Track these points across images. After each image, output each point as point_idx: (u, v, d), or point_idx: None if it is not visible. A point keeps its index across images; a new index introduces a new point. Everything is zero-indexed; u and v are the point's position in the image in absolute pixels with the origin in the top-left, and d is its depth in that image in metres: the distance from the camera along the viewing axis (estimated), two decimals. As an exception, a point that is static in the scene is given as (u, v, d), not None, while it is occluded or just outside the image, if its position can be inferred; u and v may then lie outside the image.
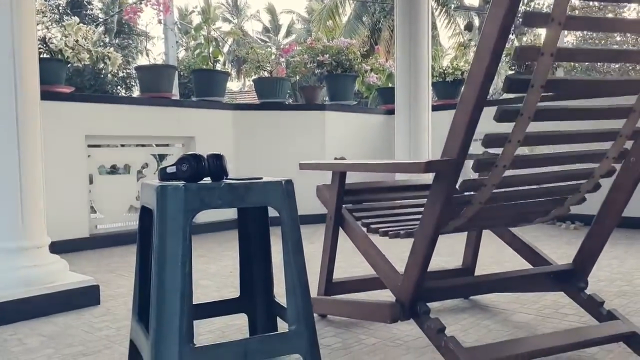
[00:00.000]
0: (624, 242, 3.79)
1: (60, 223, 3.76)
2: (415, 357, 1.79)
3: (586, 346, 1.70)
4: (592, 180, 1.67)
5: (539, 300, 2.41)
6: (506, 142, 1.41)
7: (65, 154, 3.93)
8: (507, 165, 1.45)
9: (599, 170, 1.64)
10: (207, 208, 1.46)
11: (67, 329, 2.16)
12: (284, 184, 1.57)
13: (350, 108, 5.50)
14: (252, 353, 1.49)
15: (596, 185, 1.70)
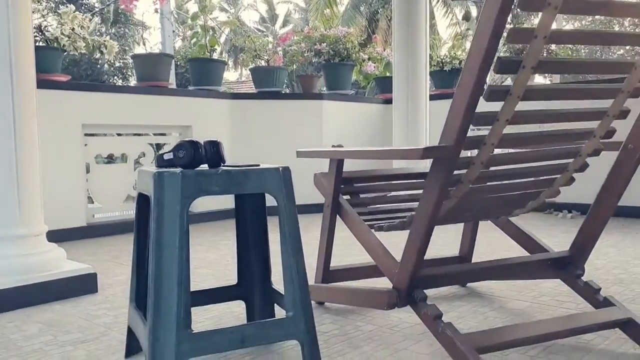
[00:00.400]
0: (620, 231, 3.80)
1: (57, 212, 3.75)
2: (412, 344, 1.80)
3: (582, 332, 1.71)
4: (580, 159, 1.68)
5: (536, 288, 2.42)
6: (495, 120, 1.42)
7: (62, 142, 3.92)
8: (496, 143, 1.46)
9: (586, 149, 1.65)
10: (204, 194, 1.46)
11: (65, 317, 2.16)
12: (282, 170, 1.57)
13: (348, 97, 5.48)
14: (249, 338, 1.49)
15: (583, 165, 1.71)
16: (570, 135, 1.64)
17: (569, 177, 1.79)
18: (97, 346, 1.84)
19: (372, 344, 1.81)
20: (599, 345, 1.73)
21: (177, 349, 1.40)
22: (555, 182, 1.80)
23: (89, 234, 4.05)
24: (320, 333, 1.90)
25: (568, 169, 1.75)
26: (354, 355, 1.71)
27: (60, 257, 2.49)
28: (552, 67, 1.58)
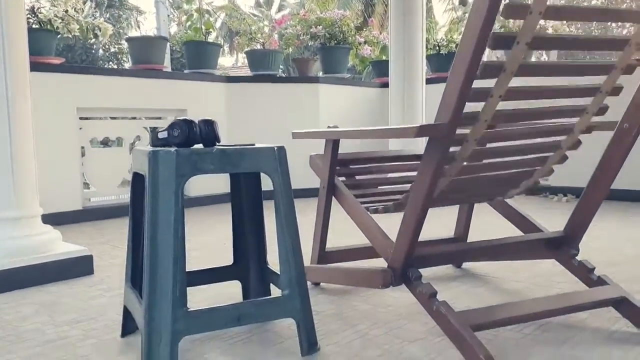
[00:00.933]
0: (616, 214, 3.82)
1: (52, 196, 3.74)
2: (407, 322, 1.81)
3: (576, 310, 1.72)
4: (572, 137, 1.68)
5: (531, 268, 2.43)
6: (488, 96, 1.42)
7: (56, 126, 3.90)
8: (489, 119, 1.46)
9: (578, 126, 1.65)
10: (199, 173, 1.45)
11: (61, 298, 2.17)
12: (277, 150, 1.57)
13: (344, 81, 5.46)
14: (245, 316, 1.50)
15: (576, 142, 1.71)
16: (562, 112, 1.64)
17: (562, 154, 1.79)
18: (93, 326, 1.84)
19: (368, 322, 1.82)
20: (592, 324, 1.75)
21: (173, 327, 1.40)
22: (549, 160, 1.80)
23: (84, 217, 4.04)
24: (316, 312, 1.91)
25: (561, 147, 1.75)
26: (350, 334, 1.72)
27: (56, 239, 2.49)
28: (546, 44, 1.58)
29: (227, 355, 1.58)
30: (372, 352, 1.58)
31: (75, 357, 1.58)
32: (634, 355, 1.51)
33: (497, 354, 1.53)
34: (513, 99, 1.53)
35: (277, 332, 1.74)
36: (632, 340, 1.62)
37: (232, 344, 1.66)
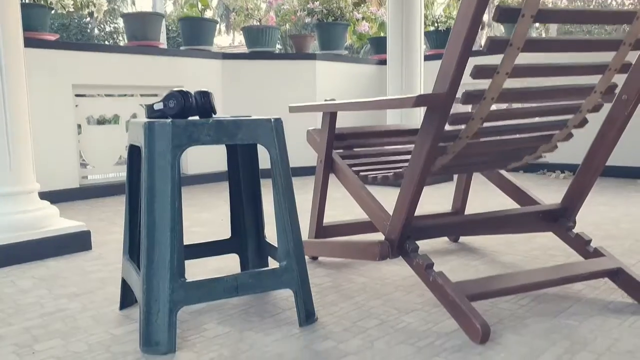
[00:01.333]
0: (613, 190, 3.82)
1: (49, 173, 3.74)
2: (404, 294, 1.82)
3: (573, 281, 1.73)
4: (580, 115, 1.67)
5: (527, 243, 2.45)
6: (494, 73, 1.40)
7: (52, 103, 3.87)
8: (495, 97, 1.44)
9: (586, 105, 1.64)
10: (196, 144, 1.45)
11: (60, 272, 2.17)
12: (273, 121, 1.56)
13: (342, 58, 5.42)
14: (243, 287, 1.51)
15: (583, 121, 1.70)
16: (570, 91, 1.62)
17: (567, 132, 1.78)
18: (92, 299, 1.85)
19: (365, 294, 1.83)
20: (588, 295, 1.76)
21: (170, 297, 1.41)
22: (554, 137, 1.79)
23: (81, 195, 4.04)
24: (314, 285, 1.92)
25: (567, 125, 1.74)
26: (347, 305, 1.73)
27: (54, 215, 2.49)
28: (552, 16, 1.55)
29: (225, 325, 1.59)
30: (369, 322, 1.59)
31: (74, 329, 1.59)
32: (629, 324, 1.52)
33: (493, 323, 1.54)
34: (520, 77, 1.51)
35: (275, 304, 1.75)
36: (627, 310, 1.63)
37: (230, 315, 1.67)
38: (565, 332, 1.48)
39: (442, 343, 1.43)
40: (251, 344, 1.45)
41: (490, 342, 1.43)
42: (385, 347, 1.42)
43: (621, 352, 1.35)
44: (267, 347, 1.43)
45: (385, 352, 1.39)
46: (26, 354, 1.42)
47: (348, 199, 3.19)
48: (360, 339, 1.47)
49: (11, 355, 1.42)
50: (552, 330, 1.49)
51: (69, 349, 1.45)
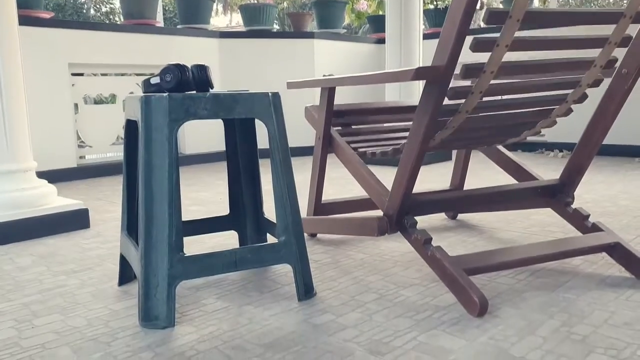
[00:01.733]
0: (610, 169, 3.82)
1: (47, 153, 3.72)
2: (402, 270, 1.82)
3: (570, 256, 1.74)
4: (579, 90, 1.66)
5: (525, 220, 2.45)
6: (494, 46, 1.38)
7: (48, 82, 3.84)
8: (495, 71, 1.43)
9: (586, 79, 1.62)
10: (193, 118, 1.44)
11: (58, 250, 2.17)
12: (271, 96, 1.55)
13: (340, 36, 5.38)
14: (242, 262, 1.51)
15: (583, 96, 1.69)
16: (570, 64, 1.60)
17: (567, 108, 1.76)
18: (90, 275, 1.85)
19: (363, 270, 1.83)
20: (586, 269, 1.76)
21: (169, 271, 1.41)
22: (553, 112, 1.78)
23: (79, 175, 4.03)
24: (313, 261, 1.93)
25: (567, 100, 1.73)
26: (346, 280, 1.74)
27: (51, 193, 2.48)
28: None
29: (224, 300, 1.59)
30: (367, 296, 1.59)
31: (73, 305, 1.59)
32: (626, 297, 1.53)
33: (491, 297, 1.54)
34: (519, 50, 1.49)
35: (274, 280, 1.76)
36: (624, 284, 1.63)
37: (229, 290, 1.67)
38: (562, 305, 1.49)
39: (440, 316, 1.44)
40: (250, 318, 1.46)
41: (488, 315, 1.43)
42: (383, 320, 1.42)
43: (618, 325, 1.36)
44: (266, 321, 1.44)
45: (383, 325, 1.39)
46: (26, 329, 1.43)
47: (346, 178, 3.19)
48: (358, 312, 1.48)
49: (11, 330, 1.42)
50: (550, 304, 1.50)
51: (68, 324, 1.45)
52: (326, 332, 1.36)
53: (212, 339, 1.34)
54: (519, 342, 1.28)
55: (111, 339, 1.35)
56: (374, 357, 1.22)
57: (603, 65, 1.60)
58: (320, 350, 1.26)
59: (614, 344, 1.26)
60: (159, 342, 1.33)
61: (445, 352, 1.24)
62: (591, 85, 1.65)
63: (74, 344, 1.33)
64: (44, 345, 1.33)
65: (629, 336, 1.30)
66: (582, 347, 1.24)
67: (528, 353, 1.22)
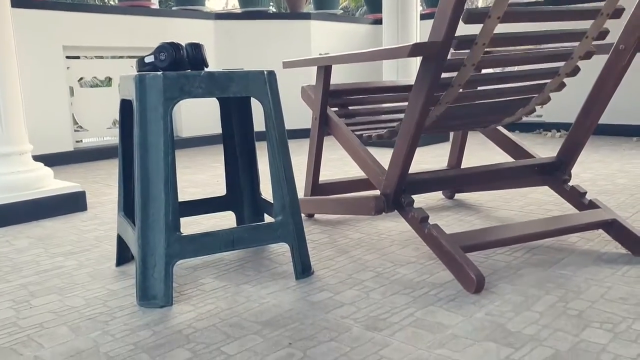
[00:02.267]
0: (608, 148, 3.82)
1: (43, 137, 3.70)
2: (399, 248, 1.82)
3: (567, 232, 1.74)
4: (572, 62, 1.65)
5: (523, 199, 2.45)
6: (486, 17, 1.37)
7: (43, 65, 3.81)
8: (487, 42, 1.42)
9: (578, 51, 1.62)
10: (187, 97, 1.43)
11: (55, 232, 2.17)
12: (266, 74, 1.54)
13: (337, 17, 5.34)
14: (239, 241, 1.51)
15: (575, 69, 1.68)
16: (562, 36, 1.60)
17: (559, 81, 1.76)
18: (88, 257, 1.85)
19: (361, 249, 1.83)
20: (582, 247, 1.77)
21: (166, 250, 1.41)
22: (546, 87, 1.78)
23: (76, 158, 4.02)
24: (310, 241, 1.93)
25: (559, 73, 1.73)
26: (343, 259, 1.74)
27: (48, 176, 2.47)
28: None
29: (222, 279, 1.59)
30: (365, 274, 1.60)
31: (71, 285, 1.59)
32: (622, 273, 1.54)
33: (488, 274, 1.55)
34: (511, 21, 1.48)
35: (272, 259, 1.76)
36: (620, 260, 1.64)
37: (226, 270, 1.67)
38: (559, 281, 1.50)
39: (437, 293, 1.44)
40: (248, 297, 1.46)
41: (485, 291, 1.44)
42: (380, 297, 1.43)
43: (614, 299, 1.37)
44: (263, 299, 1.44)
45: (380, 302, 1.40)
46: (23, 309, 1.43)
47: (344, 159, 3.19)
48: (356, 290, 1.48)
49: (8, 311, 1.42)
50: (547, 280, 1.50)
51: (66, 304, 1.46)
52: (323, 310, 1.36)
53: (210, 317, 1.34)
54: (516, 317, 1.29)
55: (109, 318, 1.36)
56: (371, 333, 1.23)
57: (595, 36, 1.60)
58: (317, 327, 1.27)
59: (609, 318, 1.27)
60: (157, 321, 1.33)
61: (443, 328, 1.24)
62: (583, 57, 1.65)
63: (72, 323, 1.33)
64: (42, 324, 1.33)
65: (624, 310, 1.30)
66: (578, 322, 1.25)
67: (524, 328, 1.23)
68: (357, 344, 1.18)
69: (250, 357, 1.14)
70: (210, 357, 1.14)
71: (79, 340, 1.24)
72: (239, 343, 1.20)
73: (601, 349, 1.13)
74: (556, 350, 1.12)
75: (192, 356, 1.15)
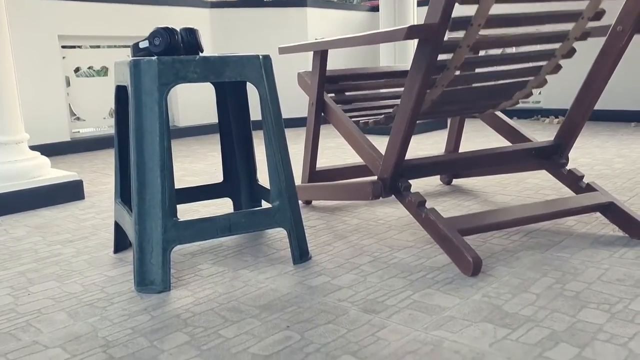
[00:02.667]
0: (606, 134, 3.82)
1: (40, 127, 3.70)
2: (396, 233, 1.82)
3: (564, 215, 1.74)
4: (567, 43, 1.65)
5: (520, 183, 2.45)
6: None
7: (38, 55, 3.79)
8: (482, 23, 1.41)
9: (573, 32, 1.61)
10: (182, 81, 1.42)
11: (53, 220, 2.17)
12: (262, 58, 1.53)
13: (333, 4, 5.30)
14: (236, 226, 1.51)
15: (571, 50, 1.68)
16: (558, 17, 1.59)
17: (555, 63, 1.76)
18: (86, 244, 1.85)
19: (358, 234, 1.83)
20: (580, 230, 1.77)
21: (163, 236, 1.41)
22: (542, 69, 1.77)
23: (73, 149, 4.01)
24: (308, 227, 1.93)
25: (555, 55, 1.72)
26: (341, 244, 1.74)
27: (45, 165, 2.47)
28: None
29: (220, 265, 1.60)
30: (362, 259, 1.60)
31: (69, 272, 1.59)
32: (619, 255, 1.54)
33: (485, 257, 1.55)
34: (507, 2, 1.48)
35: (269, 245, 1.76)
36: (618, 242, 1.64)
37: (224, 256, 1.67)
38: (556, 263, 1.50)
39: (435, 276, 1.45)
40: (246, 282, 1.46)
41: (482, 274, 1.44)
42: (377, 280, 1.43)
43: (611, 281, 1.37)
44: (261, 284, 1.44)
45: (377, 285, 1.40)
46: (22, 295, 1.43)
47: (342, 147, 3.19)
48: (353, 274, 1.48)
49: (7, 297, 1.43)
50: (544, 263, 1.51)
51: (64, 290, 1.46)
52: (321, 293, 1.36)
53: (208, 301, 1.35)
54: (513, 299, 1.29)
55: (107, 304, 1.36)
56: (368, 316, 1.23)
57: (591, 17, 1.59)
58: (315, 310, 1.27)
59: (606, 299, 1.27)
60: (155, 306, 1.33)
61: (440, 310, 1.25)
62: (579, 38, 1.64)
63: (71, 309, 1.33)
64: (40, 310, 1.33)
65: (621, 291, 1.31)
66: (575, 303, 1.25)
67: (521, 309, 1.23)
68: (355, 326, 1.18)
69: (248, 340, 1.14)
70: (209, 340, 1.15)
71: (77, 325, 1.25)
72: (237, 326, 1.20)
73: (598, 328, 1.13)
74: (553, 331, 1.13)
75: (190, 339, 1.15)
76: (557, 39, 1.66)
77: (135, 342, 1.15)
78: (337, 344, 1.11)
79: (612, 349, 1.05)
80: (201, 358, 1.08)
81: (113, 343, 1.15)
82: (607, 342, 1.08)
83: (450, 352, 1.06)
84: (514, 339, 1.10)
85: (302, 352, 1.08)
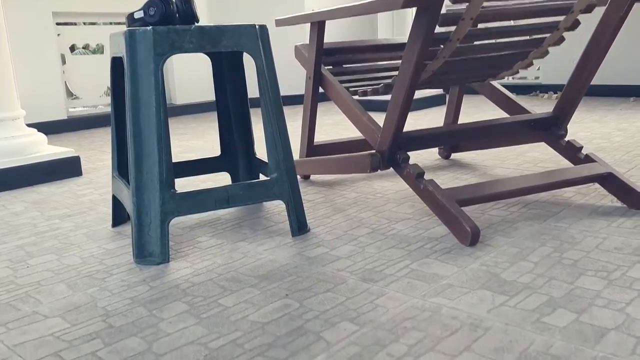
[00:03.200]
0: (605, 108, 3.80)
1: (36, 105, 3.67)
2: (395, 206, 1.82)
3: (563, 186, 1.74)
4: (571, 16, 1.63)
5: (519, 156, 2.45)
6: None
7: (33, 32, 3.75)
8: (486, -5, 1.40)
9: (578, 5, 1.59)
10: (178, 52, 1.40)
11: (51, 196, 2.17)
12: (258, 28, 1.51)
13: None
14: (234, 198, 1.50)
15: (575, 22, 1.66)
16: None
17: (559, 35, 1.74)
18: (84, 219, 1.85)
19: (356, 207, 1.83)
20: (578, 201, 1.77)
21: (161, 208, 1.41)
22: (545, 41, 1.75)
23: (70, 127, 3.99)
24: (306, 201, 1.93)
25: (558, 28, 1.70)
26: (339, 217, 1.74)
27: (42, 141, 2.46)
28: None
29: (218, 237, 1.60)
30: (360, 230, 1.60)
31: (67, 245, 1.59)
32: (617, 225, 1.54)
33: (484, 228, 1.55)
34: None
35: (268, 218, 1.76)
36: (616, 213, 1.64)
37: (223, 229, 1.68)
38: (554, 233, 1.50)
39: (433, 246, 1.45)
40: (244, 253, 1.47)
41: (480, 244, 1.44)
42: (376, 251, 1.43)
43: (609, 249, 1.37)
44: (260, 255, 1.44)
45: (376, 255, 1.40)
46: (21, 268, 1.43)
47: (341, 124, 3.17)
48: (351, 245, 1.49)
49: (6, 270, 1.43)
50: (542, 233, 1.51)
51: (63, 263, 1.46)
52: (320, 263, 1.37)
53: (207, 272, 1.35)
54: (511, 267, 1.29)
55: (106, 275, 1.36)
56: (366, 284, 1.23)
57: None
58: (313, 279, 1.27)
59: (604, 266, 1.27)
60: (153, 277, 1.34)
61: (438, 278, 1.25)
62: (583, 11, 1.62)
63: (70, 281, 1.34)
64: (39, 282, 1.34)
65: (619, 259, 1.31)
66: (572, 271, 1.26)
67: (519, 277, 1.24)
68: (353, 294, 1.18)
69: (247, 308, 1.15)
70: (208, 309, 1.15)
71: (76, 296, 1.25)
72: (236, 295, 1.21)
73: (595, 294, 1.14)
74: (550, 297, 1.13)
75: (189, 308, 1.16)
76: (562, 12, 1.63)
77: (134, 312, 1.16)
78: (336, 311, 1.11)
79: (610, 314, 1.05)
80: (200, 326, 1.08)
81: (112, 312, 1.16)
82: (605, 307, 1.08)
83: (448, 318, 1.07)
84: (512, 305, 1.11)
85: (301, 319, 1.09)
